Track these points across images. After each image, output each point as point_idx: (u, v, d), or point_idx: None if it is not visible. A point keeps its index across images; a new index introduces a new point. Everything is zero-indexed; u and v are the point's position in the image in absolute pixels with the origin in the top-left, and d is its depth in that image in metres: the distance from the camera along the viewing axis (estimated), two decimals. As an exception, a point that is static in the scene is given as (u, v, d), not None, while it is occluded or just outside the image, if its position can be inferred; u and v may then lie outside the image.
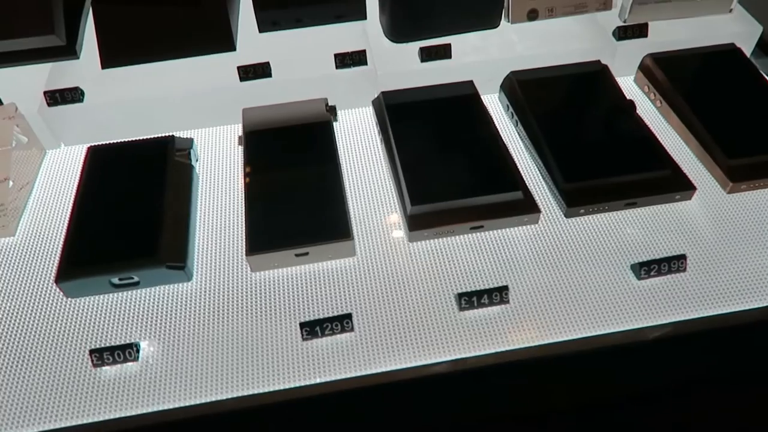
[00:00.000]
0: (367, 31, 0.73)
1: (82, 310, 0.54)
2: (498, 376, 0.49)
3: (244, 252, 0.55)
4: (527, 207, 0.58)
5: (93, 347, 0.50)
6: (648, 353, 0.50)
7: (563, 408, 0.48)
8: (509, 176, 0.59)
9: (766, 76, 0.71)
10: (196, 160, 0.66)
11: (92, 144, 0.64)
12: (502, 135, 0.66)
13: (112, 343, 0.51)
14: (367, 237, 0.59)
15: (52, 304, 0.54)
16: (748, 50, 0.75)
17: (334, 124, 0.68)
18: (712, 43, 0.73)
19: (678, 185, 0.60)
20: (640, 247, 0.57)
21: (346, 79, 0.69)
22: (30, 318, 0.53)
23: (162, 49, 0.68)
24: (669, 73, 0.69)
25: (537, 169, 0.64)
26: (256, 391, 0.49)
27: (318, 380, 0.49)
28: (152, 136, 0.65)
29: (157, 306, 0.54)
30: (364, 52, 0.68)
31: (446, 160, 0.62)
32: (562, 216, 0.59)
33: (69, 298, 0.54)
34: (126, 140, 0.64)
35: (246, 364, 0.50)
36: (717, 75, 0.70)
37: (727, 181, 0.60)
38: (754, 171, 0.60)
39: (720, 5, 0.74)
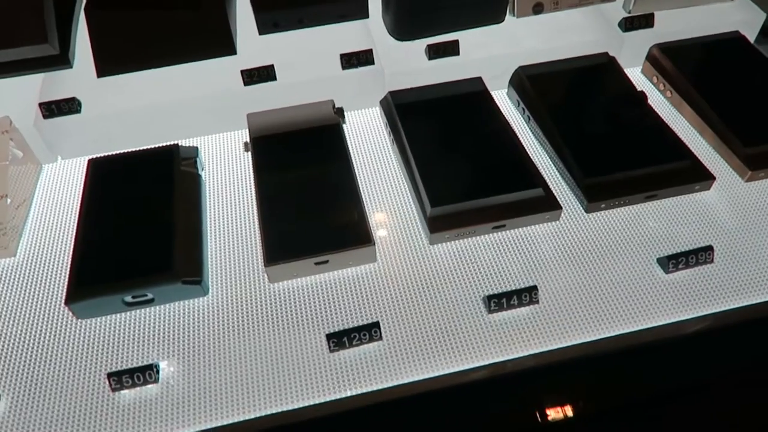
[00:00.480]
0: (370, 30, 0.71)
1: (95, 331, 0.51)
2: (534, 378, 0.48)
3: (260, 262, 0.54)
4: (548, 204, 0.57)
5: (110, 370, 0.48)
6: (683, 348, 0.49)
7: (605, 407, 0.47)
8: (528, 173, 0.58)
9: (771, 62, 0.71)
10: (202, 169, 0.63)
11: (92, 156, 0.62)
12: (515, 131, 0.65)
13: (130, 365, 0.48)
14: (386, 241, 0.57)
15: (62, 327, 0.51)
16: (751, 37, 0.75)
17: (343, 126, 0.66)
18: (716, 31, 0.73)
19: (697, 175, 0.59)
20: (663, 239, 0.56)
21: (353, 79, 0.67)
22: (41, 343, 0.50)
23: (160, 54, 0.66)
24: (677, 62, 0.69)
25: (553, 165, 0.63)
26: (284, 408, 0.47)
27: (349, 393, 0.47)
28: (155, 146, 0.62)
29: (175, 323, 0.51)
30: (371, 51, 0.66)
31: (462, 159, 0.60)
32: (583, 212, 0.58)
33: (80, 320, 0.52)
34: (127, 151, 0.62)
35: (272, 380, 0.48)
36: (724, 63, 0.70)
37: (745, 169, 0.60)
38: (771, 158, 0.60)
39: (722, -7, 0.74)
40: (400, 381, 0.47)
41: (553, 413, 0.47)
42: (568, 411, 0.46)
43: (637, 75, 0.73)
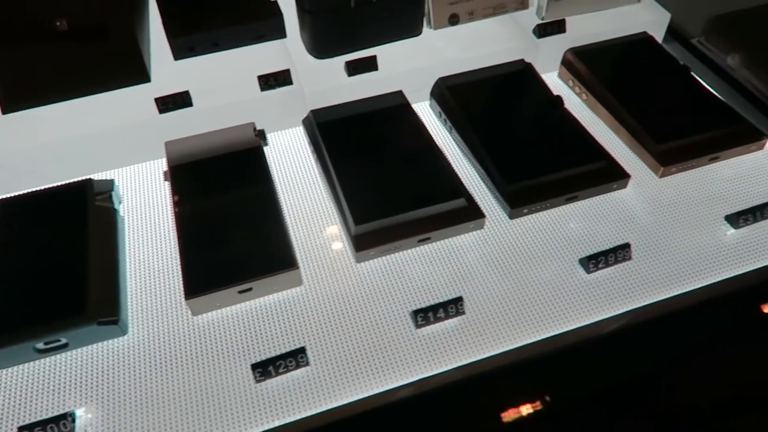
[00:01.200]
0: (288, 50, 0.71)
1: (5, 383, 0.48)
2: (463, 390, 0.48)
3: (182, 296, 0.52)
4: (472, 213, 0.57)
5: (21, 423, 0.45)
6: (608, 346, 0.50)
7: (536, 412, 0.47)
8: (451, 185, 0.58)
9: (678, 61, 0.74)
10: (120, 203, 0.61)
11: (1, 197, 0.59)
12: (437, 142, 0.65)
13: (44, 416, 0.46)
14: (312, 263, 0.56)
15: (-31, 382, 0.48)
16: (659, 37, 0.78)
17: (265, 148, 0.65)
18: (626, 32, 0.75)
19: (613, 175, 0.61)
20: (585, 240, 0.57)
21: (273, 100, 0.66)
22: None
23: (69, 87, 0.64)
24: (590, 65, 0.71)
25: (476, 174, 0.63)
26: (211, 445, 0.45)
27: (276, 423, 0.46)
28: (68, 181, 0.60)
29: (92, 367, 0.49)
30: (288, 71, 0.65)
31: (385, 175, 0.60)
32: (507, 218, 0.59)
33: (-11, 372, 0.49)
34: (37, 189, 0.59)
35: (197, 419, 0.46)
36: (635, 63, 0.72)
37: (657, 165, 0.62)
38: (682, 153, 0.62)
39: (629, -4, 0.76)
40: (328, 406, 0.47)
41: (485, 423, 0.47)
42: (500, 419, 0.46)
43: (554, 80, 0.75)
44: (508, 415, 0.46)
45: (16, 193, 0.60)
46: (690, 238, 0.57)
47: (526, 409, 0.47)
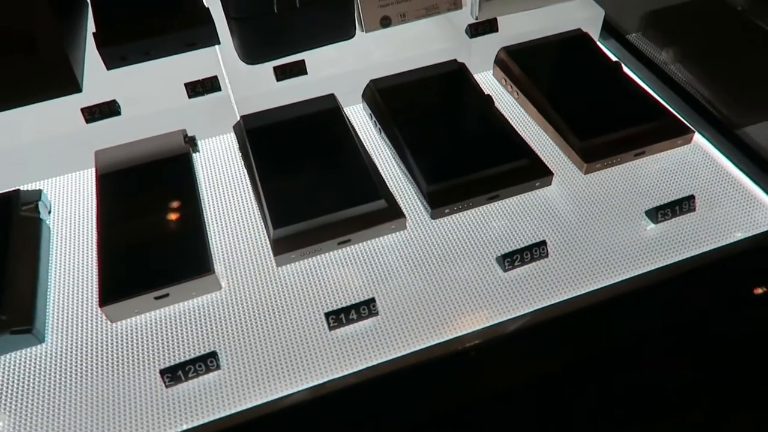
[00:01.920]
0: (222, 57, 0.71)
1: None
2: (371, 391, 0.48)
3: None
4: (392, 214, 0.58)
5: (-70, 434, 0.46)
6: (517, 344, 0.51)
7: (446, 410, 0.48)
8: (371, 186, 0.59)
9: (611, 57, 0.74)
10: (48, 212, 0.62)
11: (-73, 210, 0.60)
12: (366, 144, 0.66)
13: (-46, 426, 0.47)
14: (235, 268, 0.57)
15: None
16: (595, 34, 0.78)
17: (195, 155, 0.66)
18: (561, 30, 0.76)
19: (536, 173, 0.61)
20: (505, 238, 0.57)
21: (202, 107, 0.67)
22: None
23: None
24: (522, 64, 0.71)
25: (402, 175, 0.64)
26: (119, 451, 0.46)
27: (183, 427, 0.46)
28: (-5, 193, 0.61)
29: (7, 376, 0.50)
30: (215, 78, 0.66)
31: (308, 178, 0.61)
32: (429, 219, 0.59)
33: None
34: (-36, 201, 0.60)
35: (108, 424, 0.47)
36: (567, 61, 0.73)
37: (582, 162, 0.62)
38: (606, 149, 0.62)
39: (564, -7, 0.76)
40: (236, 409, 0.47)
41: (397, 420, 0.47)
42: (411, 416, 0.47)
43: (489, 79, 0.75)
44: (417, 413, 0.47)
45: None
46: (609, 234, 0.57)
47: (435, 408, 0.48)
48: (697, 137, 0.65)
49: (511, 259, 0.54)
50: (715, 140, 0.65)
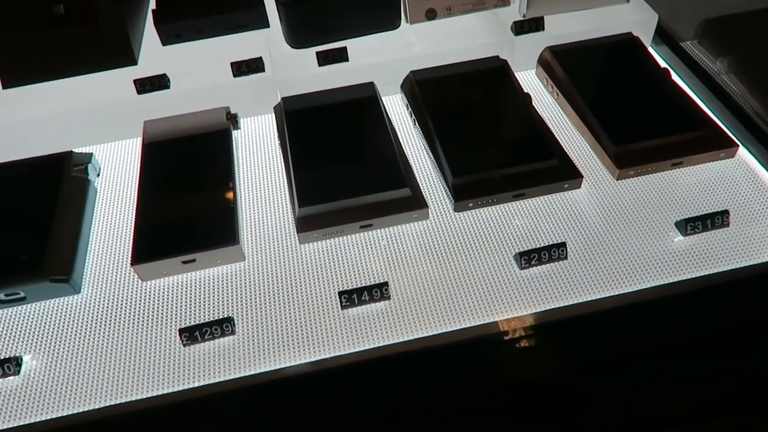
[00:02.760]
0: (270, 39, 0.74)
1: (-32, 328, 0.54)
2: (371, 370, 0.49)
3: (132, 262, 0.56)
4: (415, 203, 0.59)
5: (-27, 364, 0.50)
6: (521, 342, 0.51)
7: (458, 394, 0.49)
8: (397, 174, 0.60)
9: (663, 63, 0.72)
10: (97, 175, 0.66)
11: (-7, 162, 0.65)
12: (400, 134, 0.67)
13: (-4, 360, 0.51)
14: (261, 241, 0.59)
15: (-63, 324, 0.54)
16: (647, 38, 0.76)
17: (235, 132, 0.69)
18: (611, 32, 0.74)
19: (565, 174, 0.60)
20: (527, 237, 0.57)
21: (246, 86, 0.69)
22: None
23: (62, 66, 0.69)
24: (565, 65, 0.70)
25: (432, 167, 0.64)
26: (134, 398, 0.49)
27: (195, 384, 0.49)
28: (51, 153, 0.65)
29: (44, 320, 0.54)
30: (260, 59, 0.68)
31: (338, 162, 0.62)
32: (452, 211, 0.60)
33: (-46, 317, 0.55)
34: (24, 158, 0.65)
35: (128, 374, 0.50)
36: (612, 64, 0.71)
37: (614, 167, 0.61)
38: (641, 156, 0.61)
39: (617, -5, 0.75)
40: (245, 373, 0.49)
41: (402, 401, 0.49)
42: (402, 398, 0.48)
43: (531, 77, 0.75)
44: (409, 397, 0.48)
45: (5, 161, 0.66)
46: (633, 243, 0.56)
47: (444, 391, 0.49)
48: (742, 151, 0.63)
49: (528, 258, 0.54)
50: (761, 156, 0.62)
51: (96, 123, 0.69)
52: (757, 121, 0.64)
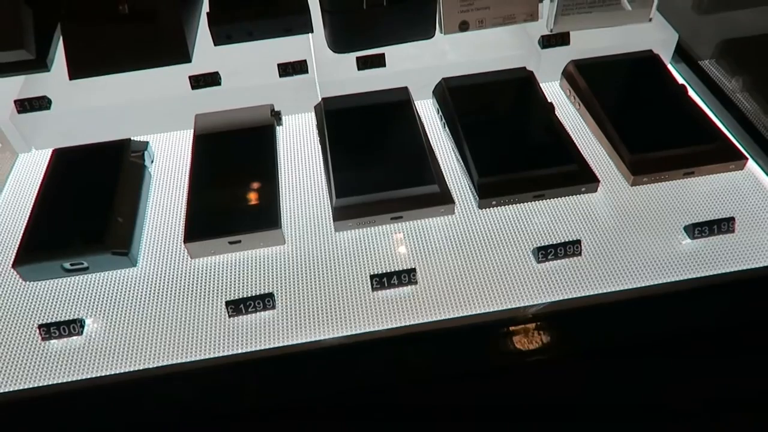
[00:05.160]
0: (313, 43, 0.80)
1: (38, 292, 0.60)
2: (399, 346, 0.55)
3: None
4: (443, 199, 0.64)
5: (41, 323, 0.56)
6: (538, 327, 0.55)
7: (478, 371, 0.54)
8: (427, 171, 0.65)
9: (680, 80, 0.77)
10: (151, 161, 0.72)
11: (58, 147, 0.71)
12: (430, 136, 0.72)
13: (61, 320, 0.57)
14: (300, 227, 0.65)
15: (12, 287, 0.60)
16: (667, 56, 0.80)
17: (279, 128, 0.75)
18: (634, 49, 0.79)
19: (583, 178, 0.65)
20: (545, 234, 0.62)
21: (291, 87, 0.75)
22: (-12, 297, 0.60)
23: (124, 61, 0.75)
24: (588, 77, 0.75)
25: (459, 167, 0.69)
26: (184, 360, 0.54)
27: (240, 350, 0.55)
28: (111, 140, 0.72)
29: (104, 288, 0.60)
30: (305, 61, 0.74)
31: (373, 158, 0.68)
32: (476, 207, 0.65)
33: (26, 282, 0.61)
34: (87, 143, 0.71)
35: (179, 340, 0.56)
36: (632, 79, 0.76)
37: (629, 174, 0.65)
38: (654, 165, 0.65)
39: (640, 14, 0.79)
40: (286, 343, 0.55)
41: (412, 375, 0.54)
42: (423, 374, 0.53)
43: (555, 89, 0.79)
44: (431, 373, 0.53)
45: (71, 145, 0.72)
46: (643, 244, 0.60)
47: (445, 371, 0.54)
48: (751, 164, 0.67)
49: (545, 252, 0.59)
50: (768, 169, 0.66)
51: (152, 114, 0.75)
52: (766, 137, 0.68)
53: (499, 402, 0.54)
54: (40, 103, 0.71)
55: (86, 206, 0.64)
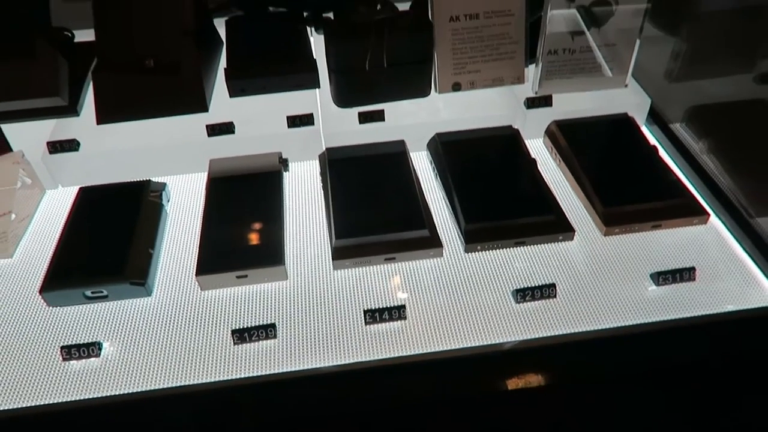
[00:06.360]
0: (320, 98, 0.88)
1: (61, 316, 0.66)
2: (387, 375, 0.60)
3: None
4: (432, 243, 0.70)
5: (63, 344, 0.62)
6: (513, 362, 0.61)
7: (457, 406, 0.59)
8: (418, 217, 0.72)
9: (653, 140, 0.84)
10: (168, 201, 0.79)
11: (83, 185, 0.78)
12: (423, 184, 0.79)
13: (79, 342, 0.62)
14: (301, 265, 0.71)
15: (36, 311, 0.66)
16: (641, 119, 0.88)
17: (285, 173, 0.82)
18: (611, 112, 0.87)
19: (560, 228, 0.72)
20: (524, 277, 0.68)
21: (298, 137, 0.83)
22: (16, 321, 0.65)
23: (147, 109, 0.83)
24: (568, 136, 0.82)
25: (448, 213, 0.76)
26: (191, 383, 0.60)
27: (241, 375, 0.60)
28: (132, 180, 0.78)
29: (121, 315, 0.66)
30: (311, 114, 0.82)
31: (370, 204, 0.74)
32: (462, 251, 0.71)
33: (51, 307, 0.66)
34: (111, 183, 0.78)
35: (187, 362, 0.61)
36: (608, 139, 0.83)
37: (602, 225, 0.72)
38: (626, 217, 0.72)
39: (617, 81, 0.87)
40: (285, 370, 0.60)
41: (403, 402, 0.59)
42: (412, 400, 0.58)
43: (539, 145, 0.87)
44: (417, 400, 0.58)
45: (96, 183, 0.79)
46: (613, 289, 0.67)
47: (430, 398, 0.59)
48: (713, 220, 0.74)
49: (523, 294, 0.65)
50: (729, 225, 0.73)
51: (170, 158, 0.82)
52: (728, 195, 0.75)
53: (477, 427, 0.59)
54: (70, 145, 0.79)
55: (107, 240, 0.70)
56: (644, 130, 0.87)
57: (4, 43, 0.83)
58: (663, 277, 0.66)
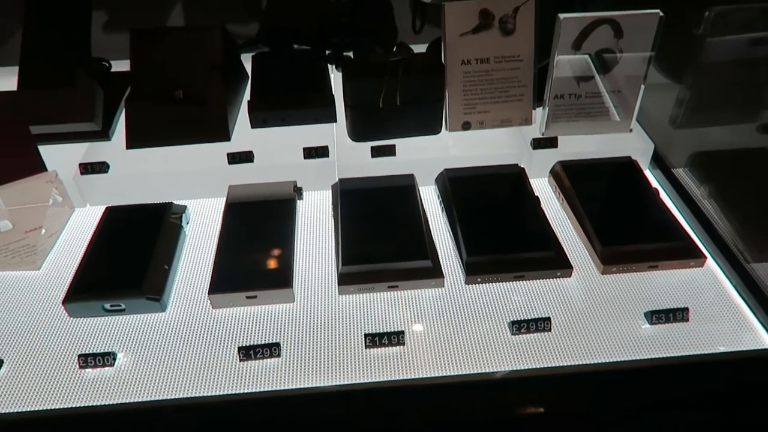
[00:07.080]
0: (335, 131, 0.92)
1: (80, 327, 0.70)
2: (383, 398, 0.62)
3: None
4: (434, 273, 0.73)
5: (80, 353, 0.66)
6: (504, 391, 0.63)
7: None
8: (422, 248, 0.75)
9: (655, 184, 0.87)
10: (187, 223, 0.84)
11: (110, 205, 0.83)
12: (429, 217, 0.82)
13: (96, 351, 0.66)
14: (308, 289, 0.74)
15: (58, 321, 0.70)
16: (645, 163, 0.91)
17: (299, 201, 0.86)
18: (615, 155, 0.90)
19: (559, 264, 0.74)
20: (520, 310, 0.71)
21: (313, 167, 0.87)
22: (40, 329, 0.70)
23: (174, 136, 0.89)
24: (572, 177, 0.85)
25: (451, 245, 0.79)
26: (199, 395, 0.63)
27: (250, 390, 0.63)
28: (155, 202, 0.83)
29: (136, 328, 0.70)
30: (326, 147, 0.86)
31: (377, 233, 0.78)
32: (463, 283, 0.74)
33: (72, 317, 0.71)
34: (135, 204, 0.83)
35: (194, 375, 0.65)
36: (610, 181, 0.86)
37: (600, 264, 0.74)
38: (623, 257, 0.74)
39: (622, 125, 0.91)
40: (287, 387, 0.63)
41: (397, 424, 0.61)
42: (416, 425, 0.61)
43: (543, 185, 0.90)
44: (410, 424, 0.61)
45: (121, 204, 0.84)
46: (607, 325, 0.68)
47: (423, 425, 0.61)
48: (710, 263, 0.76)
49: (519, 326, 0.67)
50: (725, 268, 0.75)
51: (192, 182, 0.87)
52: (725, 239, 0.77)
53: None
54: (100, 167, 0.84)
55: (128, 257, 0.75)
56: (647, 173, 0.90)
57: (47, 72, 0.90)
58: (656, 316, 0.68)
